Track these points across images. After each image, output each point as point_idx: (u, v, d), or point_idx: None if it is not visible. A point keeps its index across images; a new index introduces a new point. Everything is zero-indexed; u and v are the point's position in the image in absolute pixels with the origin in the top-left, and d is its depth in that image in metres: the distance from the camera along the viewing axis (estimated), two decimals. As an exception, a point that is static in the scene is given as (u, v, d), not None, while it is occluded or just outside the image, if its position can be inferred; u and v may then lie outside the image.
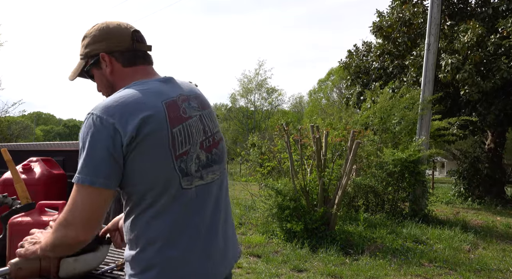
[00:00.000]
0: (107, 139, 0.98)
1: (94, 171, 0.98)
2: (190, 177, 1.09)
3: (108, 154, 0.98)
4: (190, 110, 1.15)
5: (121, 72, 1.18)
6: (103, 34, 1.18)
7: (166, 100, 1.09)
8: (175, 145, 1.05)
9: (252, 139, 11.82)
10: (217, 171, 1.19)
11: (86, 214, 0.98)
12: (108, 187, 0.99)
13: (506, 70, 8.87)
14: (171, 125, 1.06)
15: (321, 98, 38.17)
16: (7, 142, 16.96)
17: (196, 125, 1.14)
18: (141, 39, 1.23)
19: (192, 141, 1.11)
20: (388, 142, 8.25)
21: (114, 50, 1.17)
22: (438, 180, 22.54)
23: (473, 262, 4.91)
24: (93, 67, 1.20)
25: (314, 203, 5.89)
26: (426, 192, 7.80)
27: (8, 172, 2.24)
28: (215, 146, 1.19)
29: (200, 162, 1.12)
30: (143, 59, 1.21)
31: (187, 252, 1.07)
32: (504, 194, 11.90)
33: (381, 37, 12.25)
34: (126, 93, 1.07)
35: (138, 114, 1.01)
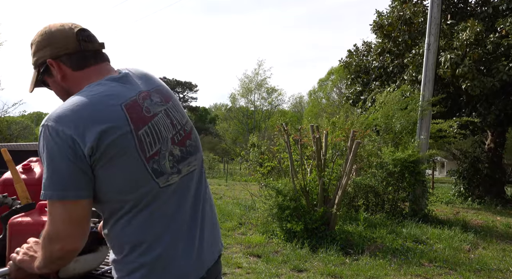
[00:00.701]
0: (67, 150, 0.94)
1: (61, 185, 0.94)
2: (166, 175, 1.05)
3: (72, 165, 0.94)
4: (153, 107, 1.09)
5: (72, 76, 1.11)
6: (46, 40, 1.11)
7: (125, 102, 1.03)
8: (143, 148, 1.01)
9: (252, 140, 11.84)
10: (194, 162, 1.16)
11: (67, 227, 0.96)
12: (80, 198, 0.96)
13: (505, 72, 8.89)
14: (136, 128, 1.01)
15: (321, 98, 38.17)
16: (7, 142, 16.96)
17: (163, 122, 1.09)
18: (89, 38, 1.14)
19: (162, 139, 1.06)
20: (389, 142, 8.25)
21: (60, 54, 1.10)
22: (438, 180, 22.55)
23: (473, 262, 4.91)
24: (45, 76, 1.15)
25: (314, 203, 5.89)
26: (426, 192, 7.81)
27: (8, 172, 2.24)
28: (188, 137, 1.15)
29: (174, 157, 1.09)
30: (93, 59, 1.13)
31: (172, 249, 1.05)
32: (504, 194, 11.91)
33: (382, 35, 12.27)
34: (79, 100, 1.00)
35: (96, 126, 0.95)
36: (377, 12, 12.61)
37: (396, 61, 12.10)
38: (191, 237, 1.11)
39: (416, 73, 10.30)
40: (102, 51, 1.18)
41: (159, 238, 1.04)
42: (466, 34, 9.12)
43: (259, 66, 45.34)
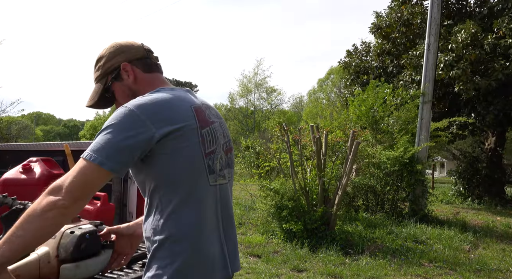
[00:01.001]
0: (132, 130, 1.03)
1: (107, 154, 1.01)
2: (215, 174, 1.17)
3: (128, 145, 1.03)
4: (212, 116, 1.25)
5: (143, 78, 1.26)
6: (119, 49, 1.27)
7: (193, 105, 1.19)
8: (204, 144, 1.15)
9: (246, 142, 11.83)
10: (231, 174, 1.30)
11: (79, 185, 1.01)
12: (115, 172, 1.03)
13: (501, 71, 8.90)
14: (201, 126, 1.15)
15: (321, 98, 38.17)
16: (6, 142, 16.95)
17: (219, 129, 1.25)
18: (151, 50, 1.34)
19: (218, 142, 1.21)
20: (385, 142, 8.25)
21: (133, 58, 1.27)
22: (438, 180, 22.55)
23: (473, 262, 4.91)
24: (114, 81, 1.27)
25: (314, 203, 5.89)
26: (426, 192, 7.81)
27: (8, 172, 2.24)
28: (230, 151, 1.30)
29: (223, 162, 1.23)
30: (156, 67, 1.31)
31: (205, 248, 1.12)
32: (504, 194, 11.92)
33: (381, 37, 12.28)
34: (159, 95, 1.14)
35: (171, 119, 1.09)
36: (375, 13, 12.62)
37: (395, 62, 12.12)
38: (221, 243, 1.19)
39: (414, 73, 10.32)
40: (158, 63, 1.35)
41: (200, 235, 1.11)
42: (462, 35, 9.15)
43: (258, 66, 45.36)
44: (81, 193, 1.01)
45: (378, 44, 12.66)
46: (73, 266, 1.25)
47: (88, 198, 1.05)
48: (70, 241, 1.25)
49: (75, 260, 1.25)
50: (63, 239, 1.26)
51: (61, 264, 1.24)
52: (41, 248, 1.26)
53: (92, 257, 1.30)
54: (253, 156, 10.93)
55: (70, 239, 1.25)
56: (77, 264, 1.25)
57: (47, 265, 1.23)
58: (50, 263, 1.23)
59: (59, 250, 1.24)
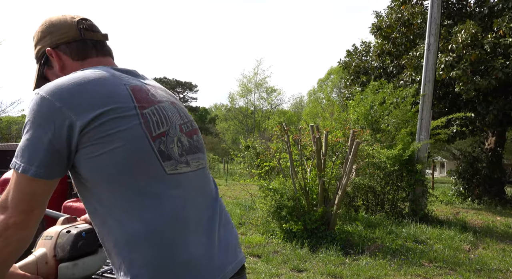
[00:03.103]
0: (48, 123, 0.87)
1: (28, 158, 0.87)
2: (173, 161, 0.96)
3: (48, 142, 0.87)
4: (158, 96, 1.03)
5: (71, 66, 1.06)
6: (45, 30, 1.08)
7: (129, 84, 0.98)
8: (148, 126, 0.93)
9: (246, 142, 11.84)
10: (202, 160, 1.07)
11: (19, 198, 0.89)
12: (41, 177, 0.88)
13: (501, 70, 8.91)
14: (140, 106, 0.94)
15: (321, 98, 38.19)
16: (6, 142, 16.96)
17: (171, 109, 1.03)
18: (91, 27, 1.09)
19: (170, 122, 0.99)
20: (385, 141, 8.26)
21: (59, 42, 1.06)
22: (438, 180, 22.56)
23: (473, 262, 4.91)
24: (46, 69, 1.10)
25: (314, 203, 5.89)
26: (426, 192, 7.81)
27: (8, 172, 2.24)
28: (195, 133, 1.09)
29: (184, 146, 1.01)
30: (95, 49, 1.08)
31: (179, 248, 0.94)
32: (504, 194, 11.92)
33: (381, 37, 12.29)
34: (79, 74, 0.94)
35: (96, 102, 0.89)
36: (375, 13, 12.63)
37: (395, 62, 12.12)
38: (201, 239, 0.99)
39: (415, 73, 10.32)
40: (105, 43, 1.13)
41: (162, 239, 0.92)
42: (462, 35, 9.15)
43: (258, 66, 45.38)
44: (27, 206, 0.89)
45: (378, 44, 12.67)
46: (71, 264, 1.24)
47: (40, 205, 0.92)
48: (66, 240, 1.24)
49: (72, 259, 1.24)
50: (60, 238, 1.25)
51: (59, 263, 1.24)
52: (38, 250, 1.26)
53: (89, 255, 1.30)
54: (253, 156, 10.92)
55: (67, 238, 1.24)
56: (75, 263, 1.25)
57: (45, 266, 1.22)
58: (48, 263, 1.22)
59: (56, 250, 1.23)
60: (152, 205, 0.92)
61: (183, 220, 0.95)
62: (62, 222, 1.32)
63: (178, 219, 0.94)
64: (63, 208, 1.70)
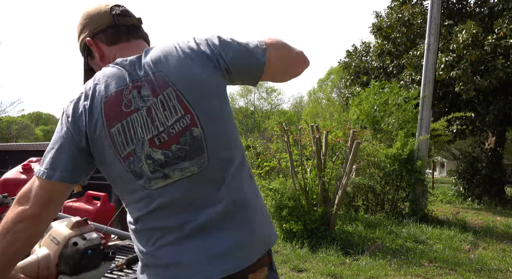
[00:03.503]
0: (62, 131, 0.97)
1: (52, 163, 0.95)
2: (145, 179, 0.94)
3: (67, 148, 0.95)
4: (136, 101, 0.95)
5: (107, 52, 1.08)
6: (83, 21, 1.10)
7: (107, 95, 0.95)
8: (116, 146, 0.94)
9: (246, 142, 11.85)
10: (192, 167, 0.95)
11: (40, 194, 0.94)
12: (66, 181, 0.95)
13: (502, 69, 8.90)
14: (108, 125, 0.94)
15: (321, 98, 38.19)
16: (6, 142, 16.95)
17: (142, 120, 0.94)
18: (124, 13, 1.11)
19: (136, 139, 0.93)
20: (385, 141, 8.27)
21: (96, 31, 1.08)
22: (438, 180, 22.55)
23: (473, 262, 4.90)
24: (90, 60, 1.12)
25: (314, 203, 5.89)
26: (426, 192, 7.80)
27: (8, 172, 2.23)
28: (173, 142, 0.94)
29: (155, 162, 0.94)
30: (127, 34, 1.09)
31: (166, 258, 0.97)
32: (504, 194, 11.92)
33: (381, 37, 12.30)
34: (84, 88, 1.00)
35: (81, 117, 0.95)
36: (375, 13, 12.64)
37: (395, 62, 12.13)
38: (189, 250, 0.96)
39: (415, 73, 10.32)
40: (139, 27, 1.14)
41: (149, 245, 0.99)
42: (462, 35, 9.16)
43: (258, 66, 45.21)
44: (47, 200, 0.94)
45: (378, 44, 12.68)
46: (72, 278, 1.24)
47: (57, 204, 0.98)
48: (71, 255, 1.22)
49: (74, 274, 1.23)
50: (65, 249, 1.23)
51: (59, 274, 1.22)
52: (41, 249, 1.24)
53: (92, 269, 1.28)
54: (254, 156, 10.92)
55: (72, 252, 1.22)
56: (76, 277, 1.24)
57: (46, 271, 1.21)
58: (49, 269, 1.21)
59: (60, 260, 1.22)
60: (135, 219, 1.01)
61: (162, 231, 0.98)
62: (72, 226, 1.28)
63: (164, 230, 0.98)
64: (63, 208, 1.69)
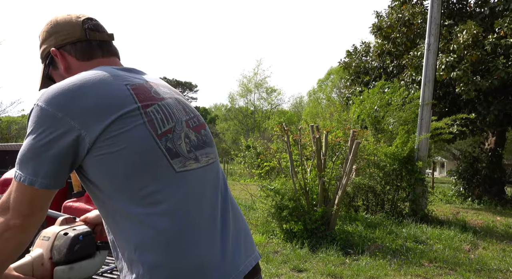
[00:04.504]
0: (50, 134, 0.85)
1: (34, 169, 0.87)
2: (182, 158, 0.94)
3: (52, 153, 0.86)
4: (162, 93, 1.01)
5: (77, 67, 1.03)
6: (50, 29, 1.06)
7: (131, 83, 0.95)
8: (153, 124, 0.91)
9: (246, 142, 11.86)
10: (211, 154, 1.04)
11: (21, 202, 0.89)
12: (48, 188, 0.88)
13: (503, 70, 8.90)
14: (143, 105, 0.91)
15: (321, 98, 38.18)
16: (6, 142, 16.96)
17: (175, 105, 1.00)
18: (96, 27, 1.07)
19: (176, 118, 0.97)
20: (386, 141, 8.27)
21: (64, 43, 1.04)
22: (438, 180, 22.56)
23: (473, 262, 4.91)
24: (51, 69, 1.08)
25: (314, 203, 5.89)
26: (426, 191, 7.81)
27: (8, 172, 2.23)
28: (202, 127, 1.05)
29: (191, 141, 0.98)
30: (100, 50, 1.06)
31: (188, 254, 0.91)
32: (504, 194, 11.93)
33: (381, 37, 12.30)
34: (79, 77, 0.91)
35: (100, 107, 0.87)
36: (376, 13, 12.64)
37: (395, 62, 12.13)
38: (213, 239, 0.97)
39: (415, 73, 10.32)
40: (111, 43, 1.11)
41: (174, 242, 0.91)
42: (463, 36, 9.16)
43: (258, 66, 45.35)
44: (29, 209, 0.89)
45: (378, 44, 12.68)
46: (67, 268, 1.22)
47: (42, 210, 0.91)
48: (63, 243, 1.22)
49: (69, 262, 1.22)
50: (57, 240, 1.23)
51: (54, 266, 1.21)
52: (35, 250, 1.24)
53: (86, 258, 1.27)
54: (254, 156, 10.93)
55: (64, 240, 1.22)
56: (71, 266, 1.22)
57: (41, 268, 1.20)
58: (44, 265, 1.20)
59: (52, 252, 1.21)
60: (162, 210, 0.90)
61: (193, 222, 0.94)
62: (61, 223, 1.30)
63: (189, 222, 0.93)
64: (63, 208, 1.70)
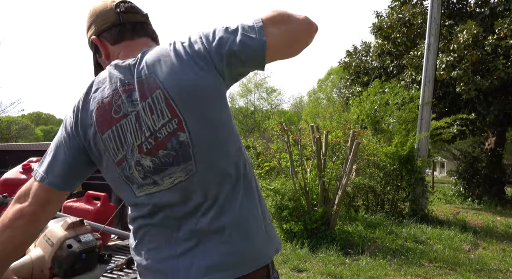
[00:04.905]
0: (64, 136, 0.98)
1: (47, 167, 0.96)
2: (136, 185, 0.94)
3: (63, 153, 0.97)
4: (126, 106, 0.91)
5: (112, 51, 1.05)
6: (90, 19, 1.08)
7: (99, 100, 0.94)
8: (109, 152, 0.93)
9: (246, 142, 11.86)
10: (181, 172, 0.90)
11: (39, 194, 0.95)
12: (55, 187, 0.95)
13: (503, 70, 8.90)
14: (100, 131, 0.93)
15: (321, 98, 38.16)
16: (6, 142, 16.95)
17: (131, 126, 0.91)
18: (130, 9, 1.06)
19: (127, 146, 0.91)
20: (385, 141, 8.27)
21: (101, 29, 1.05)
22: (438, 180, 22.54)
23: (473, 262, 4.90)
24: (98, 57, 1.10)
25: (314, 203, 5.89)
26: (426, 192, 7.81)
27: (8, 172, 2.23)
28: (160, 147, 0.89)
29: (144, 168, 0.91)
30: (132, 32, 1.04)
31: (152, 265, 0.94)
32: (504, 194, 11.92)
33: (381, 37, 12.30)
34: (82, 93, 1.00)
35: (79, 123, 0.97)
36: (376, 13, 12.63)
37: (395, 62, 12.12)
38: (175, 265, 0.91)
39: (415, 73, 10.32)
40: (146, 24, 1.09)
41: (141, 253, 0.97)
42: (463, 36, 9.16)
43: (258, 66, 45.13)
44: (46, 199, 0.95)
45: (378, 44, 12.68)
46: None
47: (55, 206, 0.97)
48: (65, 258, 1.19)
49: (67, 277, 1.21)
50: (59, 251, 1.20)
51: (53, 276, 1.20)
52: (35, 249, 1.22)
53: (86, 271, 1.26)
54: (254, 156, 10.93)
55: (66, 255, 1.20)
56: None
57: (40, 273, 1.19)
58: (43, 272, 1.19)
59: (53, 263, 1.20)
60: (134, 225, 0.99)
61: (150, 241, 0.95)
62: (68, 227, 1.27)
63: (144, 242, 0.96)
64: (63, 208, 1.70)
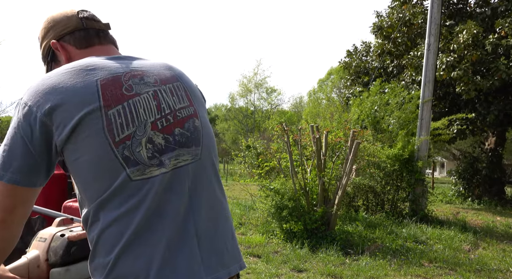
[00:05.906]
0: (24, 128, 0.86)
1: (4, 164, 0.86)
2: (140, 166, 0.87)
3: (25, 146, 0.86)
4: (139, 86, 0.93)
5: (77, 56, 1.03)
6: (47, 25, 1.07)
7: (103, 77, 0.91)
8: (112, 129, 0.86)
9: (246, 142, 11.87)
10: (188, 155, 0.94)
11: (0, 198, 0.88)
12: (16, 183, 0.87)
13: (505, 71, 8.90)
14: (106, 105, 0.87)
15: (321, 98, 38.18)
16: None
17: (146, 103, 0.92)
18: (92, 17, 1.09)
19: (138, 122, 0.89)
20: (385, 141, 8.27)
21: (63, 33, 1.05)
22: (438, 180, 22.56)
23: (473, 262, 4.91)
24: (54, 65, 1.08)
25: (314, 203, 5.89)
26: (426, 192, 7.81)
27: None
28: (178, 125, 0.94)
29: (155, 146, 0.89)
30: (98, 38, 1.07)
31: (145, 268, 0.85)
32: (504, 194, 11.93)
33: (382, 37, 12.31)
34: (55, 71, 0.92)
35: (63, 103, 0.86)
36: (376, 13, 12.65)
37: (396, 62, 12.13)
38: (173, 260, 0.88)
39: (415, 73, 10.32)
40: (108, 32, 1.11)
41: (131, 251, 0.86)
42: (463, 36, 9.16)
43: (258, 66, 45.32)
44: (9, 204, 0.87)
45: (378, 44, 12.69)
46: (63, 270, 1.19)
47: (23, 206, 0.90)
48: (60, 245, 1.19)
49: (65, 264, 1.19)
50: (53, 242, 1.20)
51: (51, 268, 1.19)
52: (31, 252, 1.23)
53: (83, 260, 1.22)
54: (254, 156, 10.94)
55: (60, 242, 1.19)
56: (67, 268, 1.20)
57: (37, 270, 1.18)
58: (40, 267, 1.18)
59: (48, 254, 1.19)
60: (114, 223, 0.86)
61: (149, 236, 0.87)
62: (58, 224, 1.27)
63: (143, 236, 0.86)
64: (63, 208, 1.70)
